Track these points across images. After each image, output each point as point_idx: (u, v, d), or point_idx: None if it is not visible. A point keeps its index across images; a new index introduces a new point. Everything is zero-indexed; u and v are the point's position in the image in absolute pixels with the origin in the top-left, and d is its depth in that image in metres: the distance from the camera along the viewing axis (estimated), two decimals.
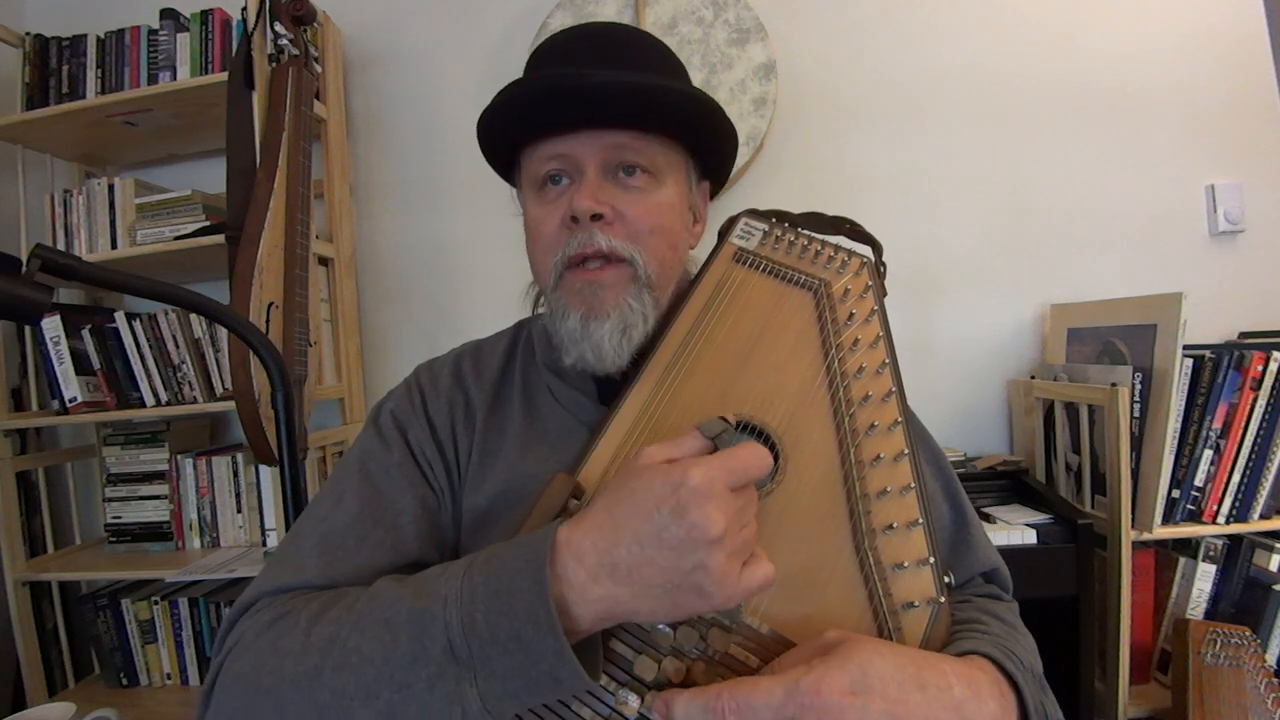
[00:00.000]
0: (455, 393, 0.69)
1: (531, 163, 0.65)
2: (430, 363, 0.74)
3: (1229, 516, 1.24)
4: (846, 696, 0.43)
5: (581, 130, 0.61)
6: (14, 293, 0.65)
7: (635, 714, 0.48)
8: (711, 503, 0.41)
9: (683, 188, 0.67)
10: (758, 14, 1.60)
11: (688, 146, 0.67)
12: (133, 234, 1.57)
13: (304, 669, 0.46)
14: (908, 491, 0.54)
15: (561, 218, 0.61)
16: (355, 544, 0.57)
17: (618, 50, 0.64)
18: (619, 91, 0.59)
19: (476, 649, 0.42)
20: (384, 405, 0.70)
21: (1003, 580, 0.68)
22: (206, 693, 0.50)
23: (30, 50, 1.62)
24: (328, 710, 0.45)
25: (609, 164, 0.62)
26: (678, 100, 0.62)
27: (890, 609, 0.51)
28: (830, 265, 0.62)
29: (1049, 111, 1.59)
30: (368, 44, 1.78)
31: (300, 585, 0.55)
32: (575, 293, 0.61)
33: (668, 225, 0.64)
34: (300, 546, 0.58)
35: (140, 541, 1.63)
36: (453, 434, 0.67)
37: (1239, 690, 1.12)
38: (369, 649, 0.45)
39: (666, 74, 0.65)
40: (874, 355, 0.58)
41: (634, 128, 0.61)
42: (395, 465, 0.63)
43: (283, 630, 0.49)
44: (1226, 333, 1.51)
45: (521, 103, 0.61)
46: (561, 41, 0.66)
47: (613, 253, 0.60)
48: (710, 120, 0.65)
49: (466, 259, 1.76)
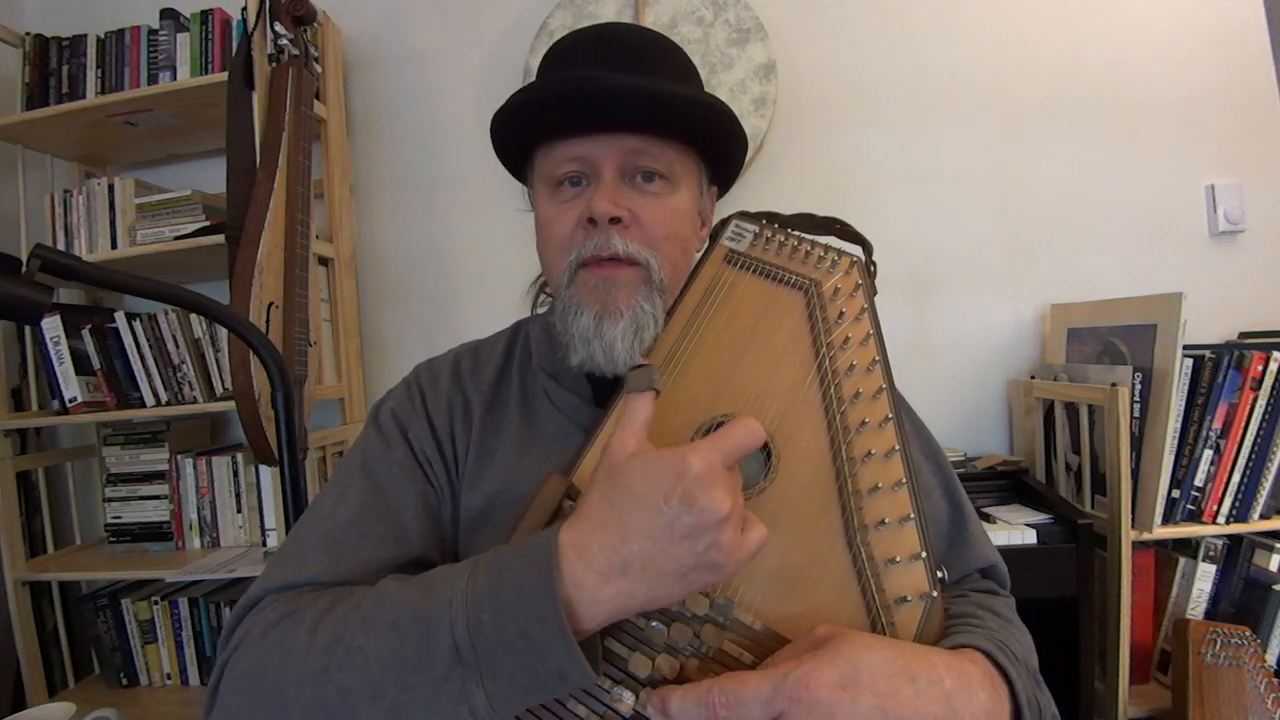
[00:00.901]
0: (454, 393, 0.69)
1: (547, 162, 0.65)
2: (429, 362, 0.74)
3: (1229, 516, 1.24)
4: (835, 691, 0.43)
5: (600, 133, 0.61)
6: (14, 293, 0.65)
7: (630, 711, 0.48)
8: (716, 484, 0.42)
9: (695, 193, 0.67)
10: (758, 14, 1.60)
11: (701, 152, 0.67)
12: (133, 234, 1.58)
13: (310, 668, 0.46)
14: (900, 487, 0.54)
15: (578, 218, 0.62)
16: (359, 540, 0.58)
17: (636, 54, 0.64)
18: (640, 97, 0.59)
19: (482, 650, 0.42)
20: (384, 404, 0.70)
21: (1000, 577, 0.68)
22: (212, 690, 0.50)
23: (30, 50, 1.63)
24: (334, 709, 0.45)
25: (626, 168, 0.62)
26: (696, 107, 0.62)
27: (883, 604, 0.51)
28: (820, 265, 0.62)
29: (1049, 111, 1.59)
30: (368, 44, 1.79)
31: (305, 582, 0.55)
32: (590, 289, 0.61)
33: (681, 232, 0.65)
34: (304, 543, 0.58)
35: (140, 541, 1.63)
36: (451, 433, 0.67)
37: (1239, 690, 1.12)
38: (375, 649, 0.45)
39: (682, 79, 0.65)
40: (864, 353, 0.58)
41: (651, 133, 0.62)
42: (397, 463, 0.64)
43: (288, 628, 0.49)
44: (1226, 333, 1.51)
45: (541, 104, 0.62)
46: (579, 42, 0.66)
47: (629, 257, 0.61)
48: (727, 128, 0.65)
49: (466, 259, 1.77)
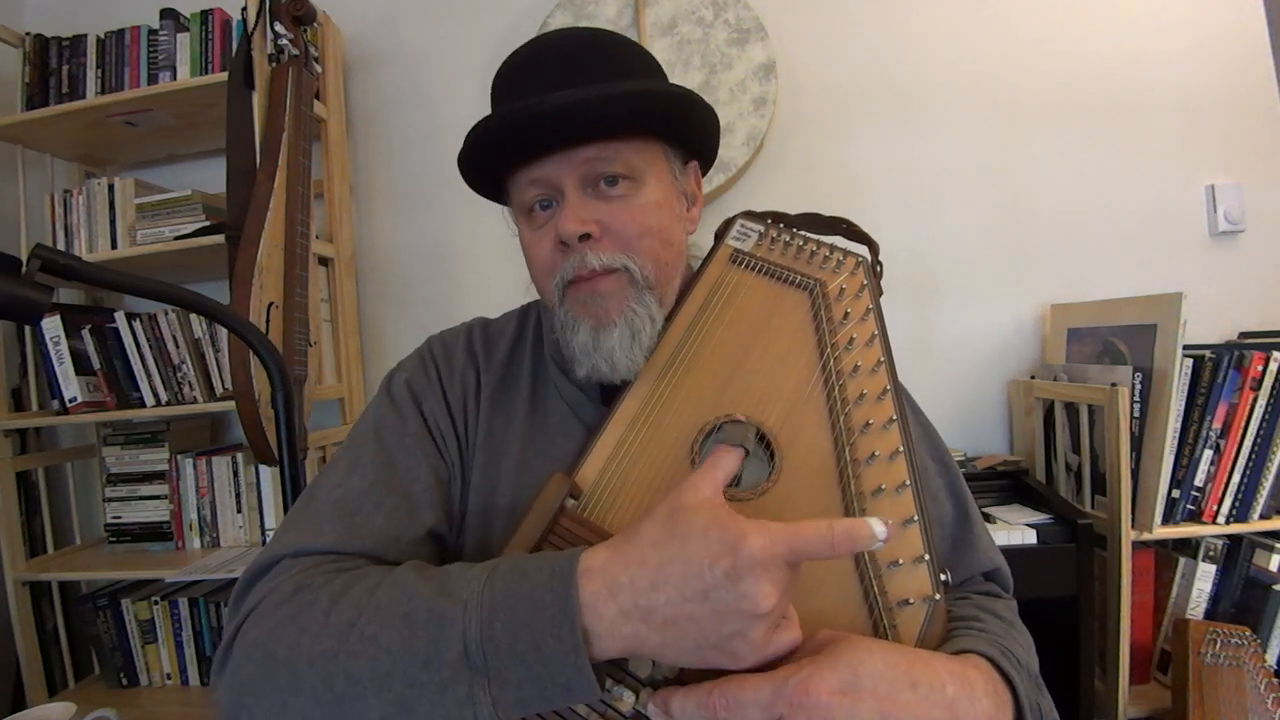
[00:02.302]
0: (468, 368, 0.70)
1: (516, 190, 0.65)
2: (441, 336, 0.74)
3: (1229, 516, 1.24)
4: (835, 696, 0.43)
5: (554, 152, 0.61)
6: (14, 293, 0.65)
7: (630, 710, 0.48)
8: (767, 576, 0.40)
9: (666, 180, 0.65)
10: (758, 14, 1.60)
11: (660, 138, 0.66)
12: (133, 234, 1.57)
13: (321, 649, 0.46)
14: (903, 489, 0.54)
15: (553, 241, 0.62)
16: (371, 510, 0.58)
17: (572, 61, 0.62)
18: (577, 109, 0.58)
19: (493, 657, 0.43)
20: (397, 374, 0.70)
21: (1003, 580, 0.68)
22: (224, 650, 0.50)
23: (30, 50, 1.62)
24: (341, 694, 0.45)
25: (587, 178, 0.62)
26: (637, 102, 0.61)
27: (885, 606, 0.51)
28: (826, 265, 0.62)
29: (1049, 111, 1.59)
30: (368, 44, 1.79)
31: (318, 549, 0.55)
32: (581, 304, 0.62)
33: (657, 225, 0.63)
34: (317, 511, 0.58)
35: (140, 541, 1.63)
36: (465, 408, 0.68)
37: (1239, 690, 1.12)
38: (386, 640, 0.45)
39: (626, 73, 0.63)
40: (869, 354, 0.58)
41: (601, 138, 0.61)
42: (410, 435, 0.64)
43: (304, 604, 0.49)
44: (1226, 333, 1.51)
45: (488, 141, 0.61)
46: (515, 64, 0.65)
47: (605, 268, 0.61)
48: (677, 108, 0.64)
49: (466, 259, 1.76)
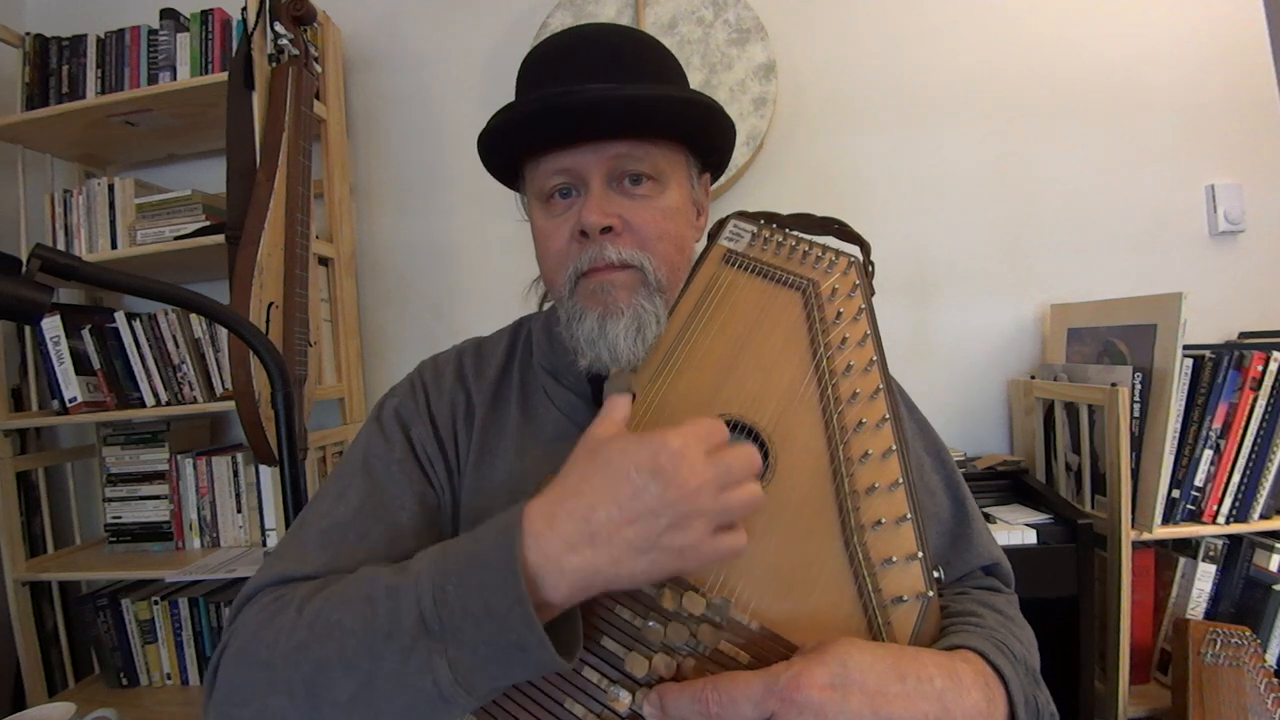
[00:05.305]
0: (457, 391, 0.70)
1: (536, 176, 0.65)
2: (434, 359, 0.74)
3: (1229, 516, 1.24)
4: (825, 691, 0.43)
5: (583, 143, 0.61)
6: (14, 293, 0.65)
7: (627, 710, 0.48)
8: (686, 463, 0.43)
9: (685, 188, 0.67)
10: (758, 14, 1.60)
11: (687, 145, 0.67)
12: (133, 234, 1.58)
13: (294, 643, 0.48)
14: (896, 487, 0.54)
15: (571, 231, 0.62)
16: (356, 539, 0.58)
17: (612, 57, 0.63)
18: (619, 104, 0.59)
19: (447, 620, 0.43)
20: (388, 401, 0.70)
21: (1004, 574, 0.69)
22: (212, 674, 0.52)
23: (30, 50, 1.63)
24: (313, 680, 0.46)
25: (613, 174, 0.62)
26: (677, 106, 0.63)
27: (879, 604, 0.51)
28: (818, 265, 0.62)
29: (1049, 111, 1.59)
30: (368, 44, 1.79)
31: (304, 576, 0.55)
32: (590, 294, 0.62)
33: (674, 230, 0.65)
34: (303, 540, 0.59)
35: (140, 541, 1.63)
36: (454, 432, 0.67)
37: (1239, 690, 1.12)
38: (350, 622, 0.46)
39: (662, 76, 0.65)
40: (862, 353, 0.58)
41: (634, 136, 0.62)
42: (396, 462, 0.64)
43: (279, 609, 0.51)
44: (1226, 333, 1.51)
45: (522, 122, 0.62)
46: (551, 51, 0.65)
47: (623, 263, 0.61)
48: (709, 119, 0.66)
49: (466, 259, 1.77)
